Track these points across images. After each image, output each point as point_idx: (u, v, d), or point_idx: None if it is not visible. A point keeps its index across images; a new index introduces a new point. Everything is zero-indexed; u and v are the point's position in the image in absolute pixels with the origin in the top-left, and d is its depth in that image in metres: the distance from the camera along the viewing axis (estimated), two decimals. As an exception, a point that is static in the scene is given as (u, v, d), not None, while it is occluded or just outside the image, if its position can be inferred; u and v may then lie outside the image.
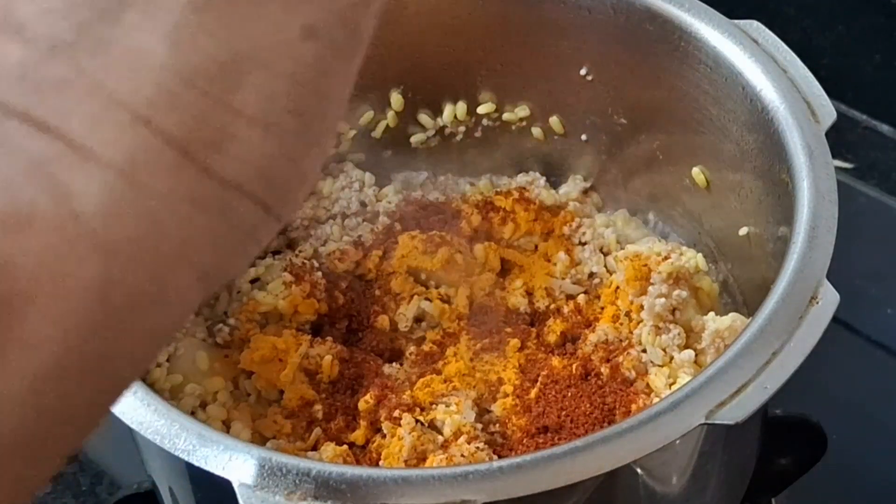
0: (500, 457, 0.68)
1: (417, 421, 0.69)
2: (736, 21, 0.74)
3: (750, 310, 0.76)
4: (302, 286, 0.78)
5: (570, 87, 0.83)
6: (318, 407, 0.72)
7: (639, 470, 0.59)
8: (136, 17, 0.30)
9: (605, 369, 0.72)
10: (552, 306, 0.78)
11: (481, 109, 0.87)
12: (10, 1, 0.30)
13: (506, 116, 0.87)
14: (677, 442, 0.55)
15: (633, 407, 0.70)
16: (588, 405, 0.71)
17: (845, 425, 0.81)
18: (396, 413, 0.70)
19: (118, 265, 0.29)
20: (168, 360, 0.73)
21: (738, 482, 0.71)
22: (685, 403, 0.55)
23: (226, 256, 0.32)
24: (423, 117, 0.88)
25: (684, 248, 0.79)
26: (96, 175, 0.29)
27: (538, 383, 0.72)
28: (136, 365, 0.31)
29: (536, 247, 0.83)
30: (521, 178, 0.87)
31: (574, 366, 0.73)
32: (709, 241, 0.82)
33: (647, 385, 0.72)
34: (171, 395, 0.71)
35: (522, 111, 0.87)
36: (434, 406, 0.71)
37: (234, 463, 0.54)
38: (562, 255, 0.81)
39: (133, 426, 0.57)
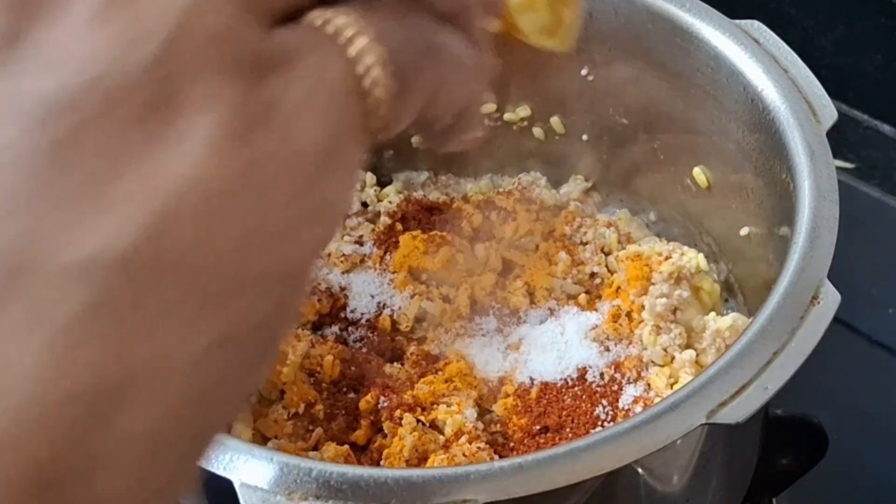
0: (501, 457, 0.68)
1: (418, 421, 0.69)
2: (737, 21, 0.74)
3: (751, 310, 0.77)
4: (303, 286, 0.78)
5: (571, 87, 0.83)
6: (319, 407, 0.72)
7: (639, 470, 0.59)
8: (13, 320, 0.24)
9: (605, 369, 0.73)
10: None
11: (482, 109, 0.87)
12: None
13: (507, 116, 0.87)
14: (678, 442, 0.55)
15: (634, 407, 0.70)
16: (588, 405, 0.71)
17: (846, 425, 0.81)
18: (397, 413, 0.70)
19: None
20: (169, 360, 0.73)
21: (738, 482, 0.71)
22: (686, 403, 0.55)
23: None
24: (424, 117, 0.88)
25: (685, 248, 0.79)
26: None
27: (539, 383, 0.72)
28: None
29: (537, 247, 0.83)
30: (523, 178, 0.87)
31: (575, 366, 0.73)
32: (710, 241, 0.82)
33: (648, 385, 0.72)
34: (172, 395, 0.71)
35: (523, 111, 0.87)
36: (435, 406, 0.71)
37: (235, 463, 0.54)
38: (563, 255, 0.81)
39: (134, 426, 0.57)
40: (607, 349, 0.74)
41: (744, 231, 0.76)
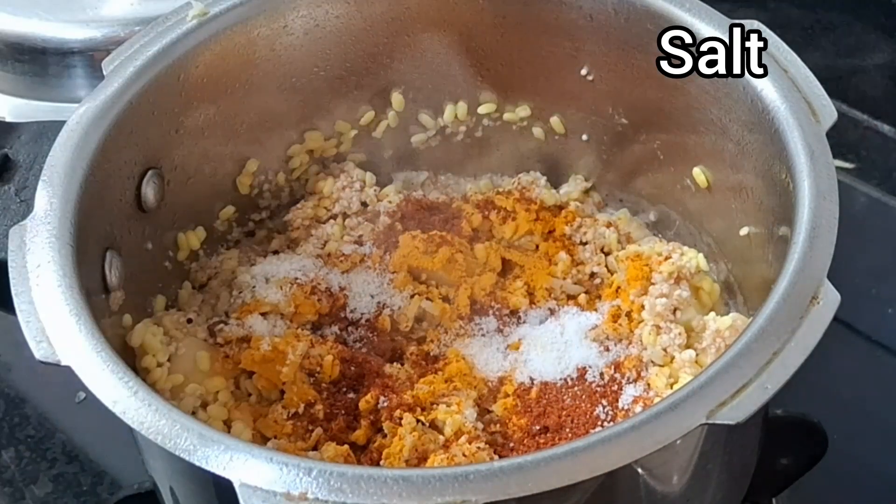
0: (500, 456, 0.68)
1: (418, 421, 0.69)
2: (737, 21, 0.74)
3: (750, 310, 0.77)
4: (303, 286, 0.78)
5: (571, 87, 0.83)
6: (318, 407, 0.72)
7: (639, 470, 0.59)
8: None
9: (605, 369, 0.73)
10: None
11: (482, 109, 0.87)
12: None
13: (506, 116, 0.87)
14: (678, 442, 0.55)
15: (634, 407, 0.70)
16: (588, 405, 0.71)
17: (846, 425, 0.81)
18: (397, 413, 0.70)
19: None
20: (169, 361, 0.73)
21: (738, 482, 0.71)
22: (686, 403, 0.55)
23: None
24: (424, 117, 0.88)
25: (685, 248, 0.79)
26: None
27: (539, 383, 0.72)
28: None
29: (537, 246, 0.83)
30: (523, 178, 0.87)
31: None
32: (709, 241, 0.82)
33: (648, 385, 0.72)
34: (172, 395, 0.71)
35: (523, 111, 0.87)
36: (435, 406, 0.71)
37: (235, 463, 0.54)
38: (563, 254, 0.81)
39: (134, 426, 0.57)
40: (607, 349, 0.74)
41: (743, 231, 0.76)
